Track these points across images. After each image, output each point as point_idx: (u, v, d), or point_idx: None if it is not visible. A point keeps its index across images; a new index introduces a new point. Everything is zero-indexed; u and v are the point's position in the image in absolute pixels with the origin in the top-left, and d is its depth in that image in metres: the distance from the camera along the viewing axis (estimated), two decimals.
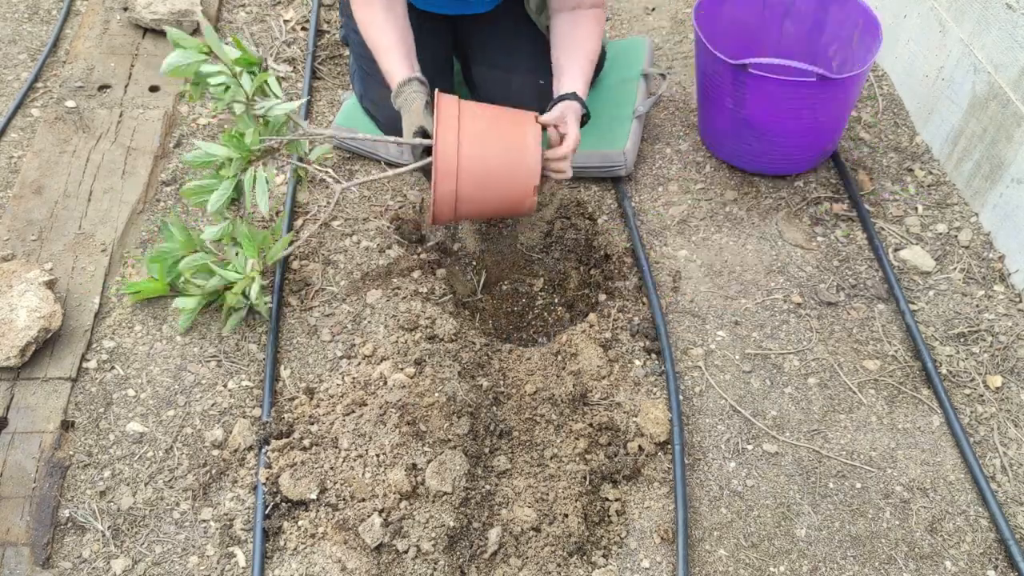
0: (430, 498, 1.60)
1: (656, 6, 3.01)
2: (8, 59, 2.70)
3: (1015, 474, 1.76)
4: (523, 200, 1.90)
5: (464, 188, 1.84)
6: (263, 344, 1.97)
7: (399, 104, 1.96)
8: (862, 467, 1.77)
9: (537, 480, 1.70)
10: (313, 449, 1.70)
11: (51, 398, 1.82)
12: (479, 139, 1.84)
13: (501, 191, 1.89)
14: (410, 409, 1.69)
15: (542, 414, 1.79)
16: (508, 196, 1.90)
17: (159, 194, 2.29)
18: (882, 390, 1.90)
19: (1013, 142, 2.06)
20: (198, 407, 1.85)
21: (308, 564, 1.59)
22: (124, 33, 2.74)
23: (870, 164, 2.39)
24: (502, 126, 1.90)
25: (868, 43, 2.21)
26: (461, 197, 1.86)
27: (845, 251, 2.18)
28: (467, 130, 1.84)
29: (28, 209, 2.19)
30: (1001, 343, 1.96)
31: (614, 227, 2.24)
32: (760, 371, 1.93)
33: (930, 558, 1.64)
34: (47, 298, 1.90)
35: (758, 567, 1.63)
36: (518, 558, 1.61)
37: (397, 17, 2.01)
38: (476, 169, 1.84)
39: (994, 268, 2.12)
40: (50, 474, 1.71)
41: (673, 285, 2.09)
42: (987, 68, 2.14)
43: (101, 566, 1.62)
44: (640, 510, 1.70)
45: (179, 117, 2.52)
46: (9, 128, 2.45)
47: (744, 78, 2.11)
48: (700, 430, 1.83)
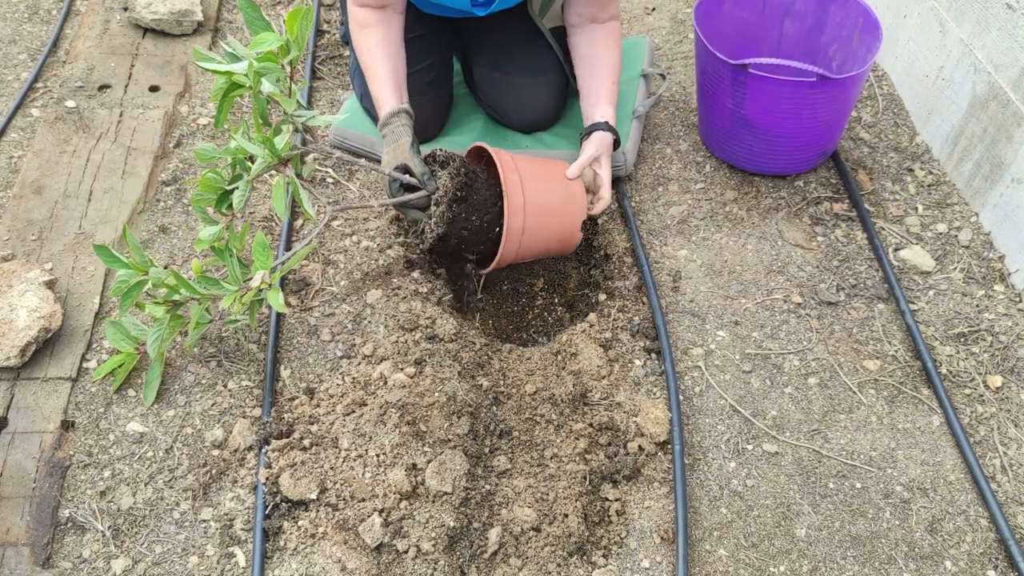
0: (430, 498, 1.60)
1: (656, 6, 3.01)
2: (8, 59, 2.70)
3: (1015, 474, 1.76)
4: (574, 234, 2.01)
5: (530, 223, 1.91)
6: (263, 344, 1.97)
7: (384, 134, 1.98)
8: (862, 467, 1.77)
9: (537, 480, 1.70)
10: (313, 449, 1.70)
11: (51, 398, 1.82)
12: (536, 177, 1.93)
13: (557, 226, 1.98)
14: (410, 409, 1.69)
15: (542, 414, 1.79)
16: (562, 231, 1.99)
17: (159, 194, 2.29)
18: (882, 390, 1.90)
19: (1013, 142, 2.06)
20: (198, 407, 1.85)
21: (308, 564, 1.59)
22: (124, 33, 2.74)
23: (870, 164, 2.39)
24: (549, 167, 1.99)
25: (868, 43, 2.21)
26: (527, 232, 1.92)
27: (845, 251, 2.18)
28: (524, 170, 1.92)
29: (28, 209, 2.19)
30: (1001, 343, 1.96)
31: (614, 227, 2.24)
32: (760, 371, 1.93)
33: (930, 558, 1.64)
34: (47, 298, 1.90)
35: (758, 567, 1.63)
36: (518, 558, 1.61)
37: (391, 44, 2.02)
38: (539, 204, 1.92)
39: (994, 268, 2.12)
40: (50, 474, 1.71)
41: (673, 285, 2.09)
42: (987, 68, 2.14)
43: (101, 566, 1.62)
44: (640, 510, 1.70)
45: (179, 117, 2.52)
46: (9, 128, 2.45)
47: (744, 78, 2.11)
48: (700, 430, 1.83)
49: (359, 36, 2.04)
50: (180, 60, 2.67)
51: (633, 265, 2.14)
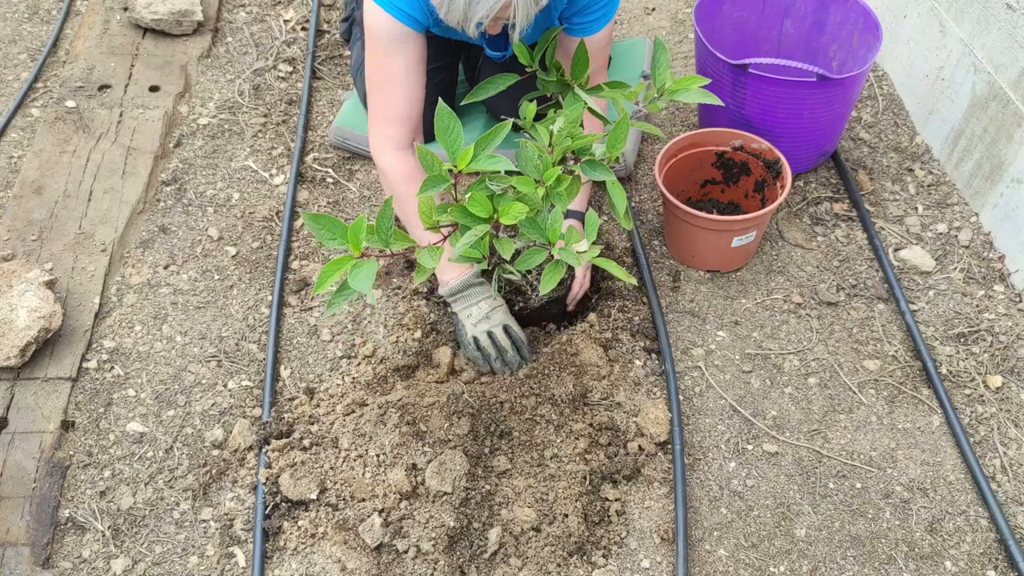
0: (430, 498, 1.60)
1: (656, 6, 3.00)
2: (8, 59, 2.70)
3: (1015, 474, 1.76)
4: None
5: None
6: (263, 344, 1.97)
7: (467, 294, 1.85)
8: (862, 467, 1.77)
9: (537, 480, 1.70)
10: (313, 449, 1.70)
11: (51, 398, 1.82)
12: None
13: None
14: (410, 409, 1.69)
15: (542, 414, 1.79)
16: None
17: (159, 194, 2.29)
18: (882, 390, 1.90)
19: (1013, 142, 2.06)
20: (198, 407, 1.85)
21: (308, 564, 1.59)
22: (124, 33, 2.74)
23: (870, 164, 2.39)
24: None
25: (868, 43, 2.21)
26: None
27: (845, 251, 2.18)
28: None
29: (28, 209, 2.19)
30: (1001, 343, 1.96)
31: (614, 227, 2.24)
32: (760, 371, 1.93)
33: (930, 558, 1.64)
34: (47, 298, 1.90)
35: (758, 567, 1.63)
36: (518, 558, 1.61)
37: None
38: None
39: (994, 268, 2.12)
40: (50, 474, 1.71)
41: (673, 285, 2.09)
42: (987, 68, 2.14)
43: (101, 566, 1.62)
44: (640, 510, 1.70)
45: (179, 117, 2.52)
46: (9, 128, 2.45)
47: (744, 78, 2.11)
48: (700, 430, 1.83)
49: (412, 188, 1.74)
50: (180, 60, 2.67)
51: (633, 265, 2.14)
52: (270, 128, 2.50)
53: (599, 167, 1.57)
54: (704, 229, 2.00)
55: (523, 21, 1.58)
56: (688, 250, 2.11)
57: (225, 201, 2.28)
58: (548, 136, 1.56)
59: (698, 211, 1.97)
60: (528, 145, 1.49)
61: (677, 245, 2.14)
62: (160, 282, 2.08)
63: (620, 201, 1.58)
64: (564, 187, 1.49)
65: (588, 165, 1.57)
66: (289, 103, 2.58)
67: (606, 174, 1.56)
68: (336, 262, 1.36)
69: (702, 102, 1.66)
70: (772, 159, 2.07)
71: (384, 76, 1.81)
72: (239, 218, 2.24)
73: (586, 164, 1.57)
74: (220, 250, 2.16)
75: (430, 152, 1.40)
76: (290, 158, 2.40)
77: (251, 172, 2.37)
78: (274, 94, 2.61)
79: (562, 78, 1.78)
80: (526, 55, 1.75)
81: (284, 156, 2.42)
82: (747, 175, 2.16)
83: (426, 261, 1.43)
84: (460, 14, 1.56)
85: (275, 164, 2.39)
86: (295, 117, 2.54)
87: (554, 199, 1.48)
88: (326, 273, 1.36)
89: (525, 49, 1.75)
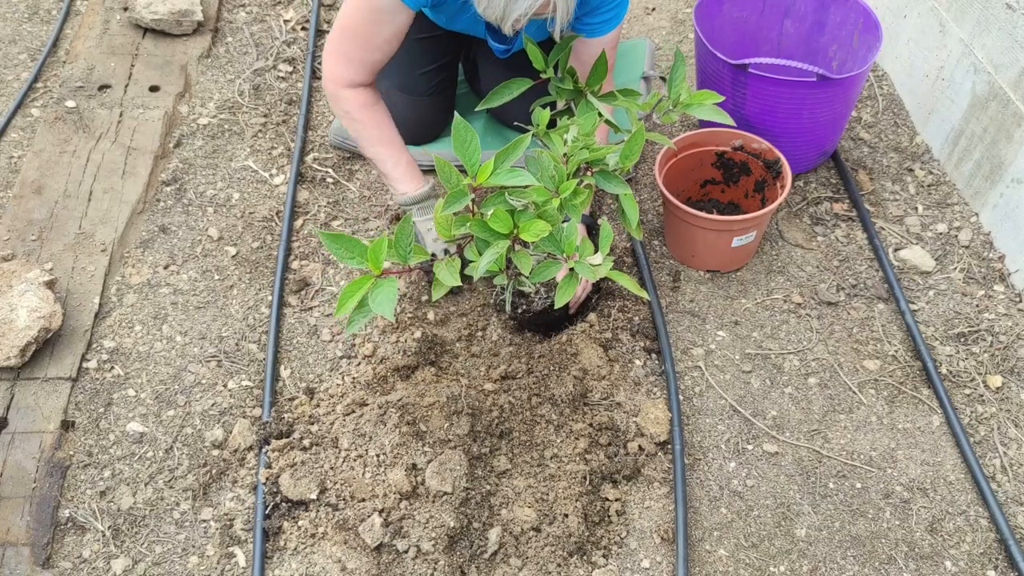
0: (430, 498, 1.60)
1: (656, 6, 3.00)
2: (8, 59, 2.70)
3: (1015, 474, 1.76)
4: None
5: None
6: (263, 344, 1.97)
7: (423, 207, 1.92)
8: (862, 467, 1.77)
9: (537, 480, 1.70)
10: (313, 449, 1.70)
11: (51, 398, 1.82)
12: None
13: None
14: (410, 409, 1.69)
15: (542, 414, 1.79)
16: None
17: (159, 194, 2.29)
18: (882, 390, 1.90)
19: (1013, 142, 2.06)
20: (198, 407, 1.85)
21: (308, 564, 1.59)
22: (124, 33, 2.74)
23: (870, 164, 2.39)
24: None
25: (868, 43, 2.21)
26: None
27: (845, 251, 2.18)
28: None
29: (28, 209, 2.19)
30: (1001, 343, 1.96)
31: (614, 227, 2.23)
32: (760, 371, 1.93)
33: (930, 558, 1.64)
34: (47, 298, 1.90)
35: (758, 567, 1.63)
36: (518, 558, 1.61)
37: (391, 120, 1.94)
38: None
39: (994, 268, 2.12)
40: (50, 474, 1.71)
41: (673, 285, 2.09)
42: (987, 68, 2.14)
43: (101, 566, 1.62)
44: (640, 510, 1.70)
45: (179, 117, 2.52)
46: (9, 128, 2.45)
47: (744, 78, 2.11)
48: (700, 430, 1.83)
49: (367, 114, 1.88)
50: (180, 60, 2.67)
51: (633, 265, 2.14)
52: (270, 128, 2.50)
53: (614, 179, 1.56)
54: (704, 229, 2.00)
55: (563, 17, 1.58)
56: (688, 250, 2.11)
57: (225, 201, 2.28)
58: (562, 145, 1.56)
59: (698, 211, 1.97)
60: (543, 155, 1.48)
61: (677, 245, 2.14)
62: (160, 282, 2.08)
63: (633, 213, 1.58)
64: (580, 200, 1.49)
65: (602, 176, 1.57)
66: (289, 103, 2.58)
67: (621, 187, 1.56)
68: (356, 283, 1.38)
69: (714, 120, 1.66)
70: (772, 159, 2.07)
71: (363, 33, 1.81)
72: (239, 218, 2.24)
73: (600, 175, 1.57)
74: (220, 250, 2.16)
75: (449, 164, 1.40)
76: (290, 158, 2.40)
77: (251, 172, 2.37)
78: (274, 94, 2.61)
79: (577, 85, 1.78)
80: (540, 60, 1.75)
81: (284, 156, 2.42)
82: (747, 175, 2.16)
83: (445, 278, 1.44)
84: (499, 10, 1.56)
85: (275, 164, 2.39)
86: (295, 117, 2.54)
87: (569, 211, 1.48)
88: (346, 295, 1.37)
89: (540, 55, 1.75)
